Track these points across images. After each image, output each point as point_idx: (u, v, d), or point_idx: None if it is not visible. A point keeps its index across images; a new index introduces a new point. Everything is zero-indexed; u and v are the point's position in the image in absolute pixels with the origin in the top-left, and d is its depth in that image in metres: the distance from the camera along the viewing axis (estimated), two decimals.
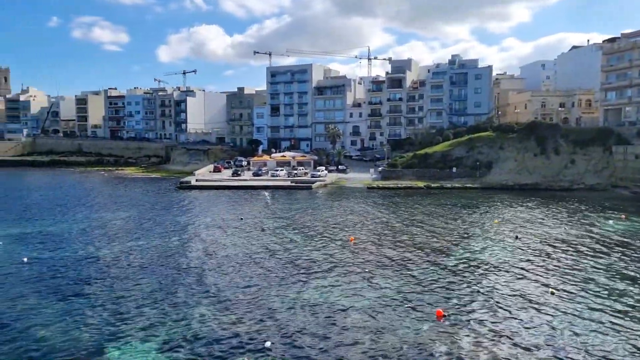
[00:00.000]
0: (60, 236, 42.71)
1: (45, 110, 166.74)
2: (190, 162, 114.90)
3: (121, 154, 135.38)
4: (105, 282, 29.73)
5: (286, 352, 20.79)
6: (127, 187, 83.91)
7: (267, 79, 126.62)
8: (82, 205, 61.77)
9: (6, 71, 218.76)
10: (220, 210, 58.53)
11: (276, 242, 40.99)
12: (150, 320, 23.88)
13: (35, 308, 25.28)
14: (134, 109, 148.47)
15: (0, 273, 31.24)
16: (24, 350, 20.53)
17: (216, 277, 31.08)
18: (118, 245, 39.28)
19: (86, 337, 21.94)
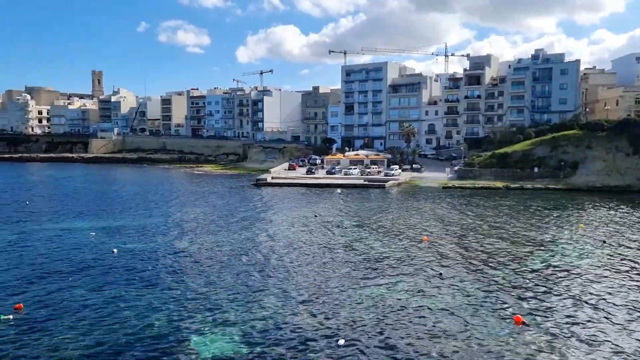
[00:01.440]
0: (146, 229, 45.31)
1: (134, 110, 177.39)
2: (266, 160, 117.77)
3: (201, 151, 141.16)
4: (187, 274, 31.21)
5: (358, 351, 20.82)
6: (207, 183, 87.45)
7: (342, 78, 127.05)
8: (166, 200, 65.17)
9: (100, 74, 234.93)
10: (295, 207, 59.56)
11: (349, 240, 41.12)
12: (229, 312, 24.80)
13: (123, 296, 27.01)
14: (214, 108, 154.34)
15: (94, 262, 33.64)
16: (111, 335, 22.01)
17: (291, 273, 31.70)
18: (199, 239, 41.08)
19: (169, 325, 23.17)
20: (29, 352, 20.08)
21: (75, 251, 36.51)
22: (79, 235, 41.85)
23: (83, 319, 23.62)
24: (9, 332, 22.03)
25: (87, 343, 21.06)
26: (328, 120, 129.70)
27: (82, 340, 21.25)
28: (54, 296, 26.63)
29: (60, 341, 21.15)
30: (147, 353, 20.33)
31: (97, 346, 20.83)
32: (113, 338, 21.65)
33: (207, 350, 20.66)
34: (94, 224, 46.93)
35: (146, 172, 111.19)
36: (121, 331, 22.36)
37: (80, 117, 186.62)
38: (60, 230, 44.16)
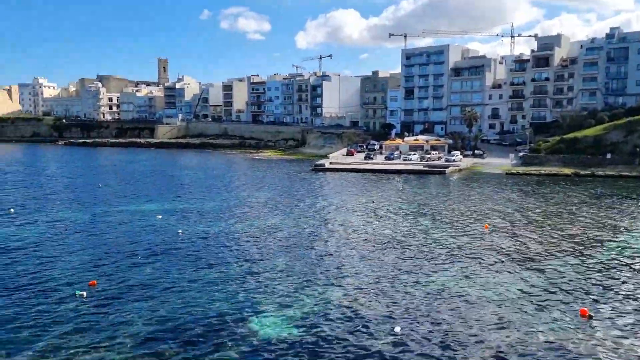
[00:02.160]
0: (209, 212, 46.82)
1: (197, 96, 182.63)
2: (325, 145, 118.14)
3: (261, 137, 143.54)
4: (247, 256, 32.06)
5: (414, 340, 20.70)
6: (267, 169, 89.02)
7: (402, 62, 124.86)
8: (228, 185, 66.99)
9: (165, 62, 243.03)
10: (352, 193, 59.57)
11: (407, 227, 40.72)
12: (286, 295, 25.30)
13: (187, 276, 28.14)
14: (274, 94, 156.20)
15: (160, 243, 35.21)
16: (175, 312, 23.02)
17: (348, 259, 31.85)
18: (258, 223, 42.02)
19: (230, 305, 23.94)
20: (101, 326, 21.38)
21: (143, 232, 38.35)
22: (146, 218, 43.87)
23: (150, 296, 24.85)
24: (84, 306, 23.53)
25: (153, 319, 22.15)
26: (387, 105, 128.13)
27: (149, 317, 22.38)
28: (124, 274, 28.15)
29: (128, 317, 22.38)
30: (209, 331, 21.13)
31: (163, 323, 21.86)
32: (177, 315, 22.66)
33: (265, 331, 21.21)
34: (161, 207, 49.00)
35: (209, 157, 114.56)
36: (185, 309, 23.35)
37: (147, 103, 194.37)
38: (129, 212, 46.46)
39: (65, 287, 25.88)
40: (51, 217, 43.96)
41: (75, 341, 19.98)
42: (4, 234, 37.31)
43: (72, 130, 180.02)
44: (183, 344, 20.00)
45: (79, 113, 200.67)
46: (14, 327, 21.12)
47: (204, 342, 20.14)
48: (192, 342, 20.19)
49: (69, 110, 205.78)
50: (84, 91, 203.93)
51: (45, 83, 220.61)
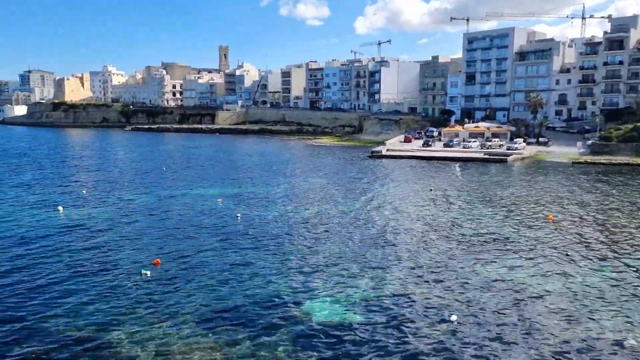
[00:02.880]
0: (267, 197, 47.71)
1: (256, 83, 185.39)
2: (382, 132, 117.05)
3: (318, 123, 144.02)
4: (304, 241, 32.48)
5: (472, 329, 20.33)
6: (324, 155, 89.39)
7: (464, 46, 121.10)
8: (285, 170, 67.88)
9: (226, 49, 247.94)
10: (409, 180, 58.83)
11: (466, 216, 39.82)
12: (342, 281, 25.47)
13: (245, 259, 28.87)
14: (331, 80, 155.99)
15: (219, 226, 36.27)
16: (233, 294, 23.71)
17: (405, 246, 31.59)
18: (315, 209, 42.38)
19: (285, 288, 24.40)
20: (162, 303, 22.39)
21: (203, 215, 39.63)
22: (207, 201, 45.27)
23: (209, 277, 25.72)
24: (148, 284, 24.70)
25: (211, 299, 22.94)
26: (447, 90, 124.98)
27: (207, 297, 23.20)
28: (185, 255, 29.26)
29: (188, 296, 23.29)
30: (263, 313, 21.65)
31: (220, 303, 22.61)
32: (234, 296, 23.35)
33: (319, 315, 21.48)
34: (220, 191, 50.40)
35: (267, 143, 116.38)
36: (241, 290, 24.02)
37: (208, 90, 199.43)
38: (191, 195, 48.10)
39: (131, 266, 27.24)
40: (119, 199, 46.26)
41: (138, 316, 21.03)
42: (78, 215, 39.64)
43: (139, 116, 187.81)
44: (238, 324, 20.61)
45: (145, 99, 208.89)
46: (84, 301, 22.48)
47: (259, 323, 20.66)
48: (247, 322, 20.77)
49: (135, 96, 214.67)
50: (149, 78, 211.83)
51: (114, 71, 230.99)
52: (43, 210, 40.58)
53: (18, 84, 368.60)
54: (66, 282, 24.75)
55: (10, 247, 30.39)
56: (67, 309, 21.70)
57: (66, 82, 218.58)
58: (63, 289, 23.95)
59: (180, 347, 18.58)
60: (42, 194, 47.84)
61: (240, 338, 19.45)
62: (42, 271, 26.26)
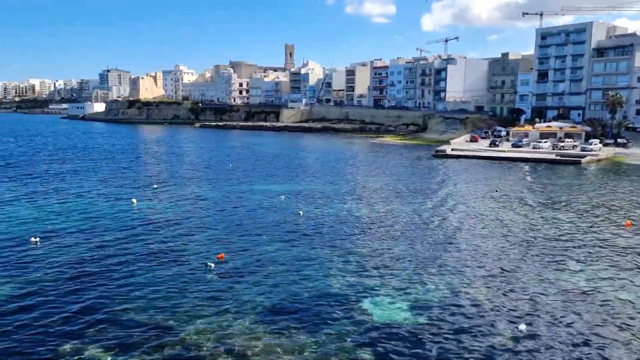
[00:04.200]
0: (329, 194, 47.99)
1: (320, 81, 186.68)
2: (447, 130, 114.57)
3: (382, 122, 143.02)
4: (365, 239, 32.41)
5: (541, 340, 19.53)
6: (386, 153, 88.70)
7: (536, 42, 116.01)
8: (348, 168, 67.99)
9: (291, 47, 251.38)
10: (475, 180, 57.23)
11: (535, 219, 38.25)
12: (403, 281, 25.23)
13: (306, 255, 29.20)
14: (396, 78, 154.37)
15: (282, 222, 36.89)
16: (294, 289, 24.04)
17: (468, 248, 30.82)
18: (377, 207, 42.17)
19: (345, 286, 24.47)
20: (226, 296, 23.08)
21: (266, 211, 40.45)
22: (270, 197, 46.16)
23: (271, 272, 26.23)
24: (213, 276, 25.55)
25: (272, 294, 23.40)
26: (517, 89, 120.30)
27: (269, 291, 23.68)
28: (248, 249, 30.01)
29: (251, 290, 23.87)
30: (324, 310, 21.82)
31: (281, 298, 23.00)
32: (295, 292, 23.68)
33: (380, 315, 21.38)
34: (283, 188, 51.23)
35: (330, 141, 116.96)
36: (302, 287, 24.33)
37: (273, 88, 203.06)
38: (255, 191, 49.23)
39: (197, 258, 28.28)
40: (187, 193, 48.12)
41: (202, 308, 21.81)
42: (147, 208, 41.63)
43: (207, 114, 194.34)
44: (298, 319, 20.89)
45: (213, 97, 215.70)
46: (151, 291, 23.59)
47: (319, 320, 20.85)
48: (306, 318, 21.02)
49: (204, 94, 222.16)
50: (218, 77, 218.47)
51: (185, 70, 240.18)
52: (119, 203, 42.93)
53: (98, 83, 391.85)
54: (137, 271, 26.06)
55: (88, 237, 32.37)
56: (137, 296, 22.85)
57: (141, 81, 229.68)
58: (134, 277, 25.23)
59: (242, 339, 19.09)
60: (119, 187, 50.60)
61: (300, 334, 19.72)
62: (116, 261, 27.80)
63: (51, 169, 64.13)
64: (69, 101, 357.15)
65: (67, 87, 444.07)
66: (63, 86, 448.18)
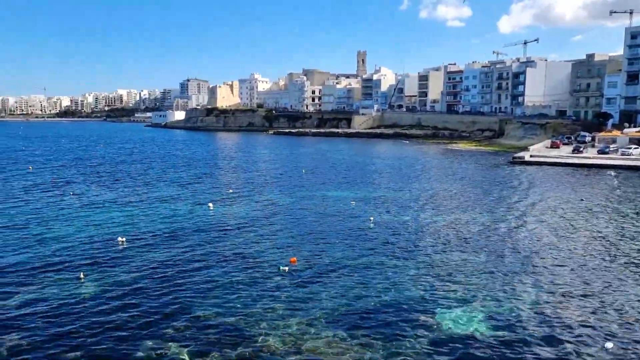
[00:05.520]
0: (400, 201, 47.46)
1: (393, 87, 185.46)
2: (525, 136, 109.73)
3: (455, 127, 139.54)
4: (437, 248, 31.73)
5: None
6: (460, 160, 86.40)
7: (625, 42, 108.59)
8: (419, 175, 66.92)
9: (363, 54, 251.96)
10: (557, 189, 54.36)
11: (625, 230, 35.74)
12: (476, 292, 24.44)
13: (376, 263, 29.00)
14: (471, 83, 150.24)
15: (353, 229, 36.91)
16: (362, 296, 23.94)
17: (545, 258, 29.34)
18: (450, 215, 41.18)
19: (415, 295, 24.05)
20: (297, 300, 23.40)
21: (338, 217, 40.64)
22: (341, 203, 46.35)
23: (342, 278, 26.31)
24: (285, 280, 26.01)
25: (344, 300, 23.43)
26: (604, 92, 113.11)
27: (340, 297, 23.74)
28: (320, 255, 30.28)
29: (322, 295, 24.05)
30: (394, 317, 21.56)
31: (351, 304, 22.98)
32: (365, 299, 23.59)
33: (450, 325, 20.82)
34: (355, 194, 51.28)
35: (401, 147, 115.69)
36: (372, 294, 24.18)
37: (345, 95, 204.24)
38: (327, 197, 49.63)
39: (270, 262, 28.91)
40: (261, 198, 49.37)
41: (275, 311, 22.23)
42: (223, 212, 43.13)
43: (280, 121, 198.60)
44: (368, 326, 20.77)
45: (287, 105, 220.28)
46: (226, 293, 24.37)
47: (388, 328, 20.62)
48: (376, 326, 20.85)
49: (278, 102, 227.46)
50: (291, 85, 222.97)
51: (259, 78, 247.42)
52: (196, 207, 44.83)
53: (178, 92, 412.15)
54: (212, 273, 27.05)
55: (167, 239, 34.04)
56: (213, 297, 23.71)
57: (218, 90, 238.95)
58: (209, 279, 26.21)
59: (312, 343, 19.28)
60: (197, 192, 52.85)
61: (369, 340, 19.61)
62: (193, 262, 29.02)
63: (137, 174, 68.19)
64: (153, 110, 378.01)
65: (151, 97, 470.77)
66: (147, 96, 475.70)
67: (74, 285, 25.11)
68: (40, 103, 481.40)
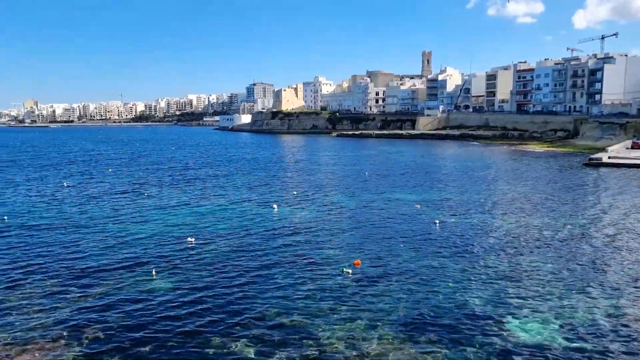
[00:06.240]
0: (466, 204, 46.14)
1: (459, 87, 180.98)
2: (603, 137, 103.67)
3: (525, 128, 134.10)
4: (505, 253, 30.55)
5: None
6: (530, 162, 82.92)
7: None
8: (486, 177, 64.82)
9: (429, 54, 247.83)
10: (637, 192, 50.90)
11: None
12: (549, 299, 23.29)
13: (443, 267, 28.31)
14: (543, 81, 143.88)
15: (418, 232, 36.28)
16: (426, 301, 23.41)
17: (628, 269, 27.47)
18: (520, 219, 39.56)
19: (484, 303, 23.25)
20: (361, 302, 23.24)
21: (402, 220, 40.10)
22: (405, 206, 45.72)
23: (406, 282, 25.88)
24: (349, 283, 25.95)
25: (408, 305, 23.02)
26: None
27: (404, 301, 23.36)
28: (384, 258, 29.97)
29: (385, 298, 23.76)
30: (460, 325, 20.93)
31: (416, 309, 22.52)
32: (430, 304, 23.07)
33: (523, 335, 19.93)
34: (419, 197, 50.43)
35: (467, 149, 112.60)
36: (438, 299, 23.62)
37: (410, 96, 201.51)
38: (390, 200, 49.13)
39: (334, 264, 28.96)
40: (324, 200, 49.62)
41: (338, 312, 22.20)
42: (289, 213, 43.72)
43: (343, 123, 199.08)
44: (433, 332, 20.29)
45: (350, 107, 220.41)
46: (290, 293, 24.60)
47: (457, 336, 20.05)
48: (441, 331, 20.33)
49: (341, 104, 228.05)
50: (354, 87, 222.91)
51: (323, 81, 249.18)
52: (262, 208, 45.75)
53: (245, 96, 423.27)
54: (276, 273, 27.43)
55: (233, 239, 34.93)
56: (277, 297, 24.04)
57: (283, 93, 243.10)
58: (274, 278, 26.60)
59: (375, 347, 19.08)
60: (263, 194, 53.96)
61: (434, 346, 19.17)
62: (258, 262, 29.57)
63: (206, 176, 70.64)
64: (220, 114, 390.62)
65: (219, 101, 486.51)
66: (215, 100, 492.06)
67: (147, 281, 26.31)
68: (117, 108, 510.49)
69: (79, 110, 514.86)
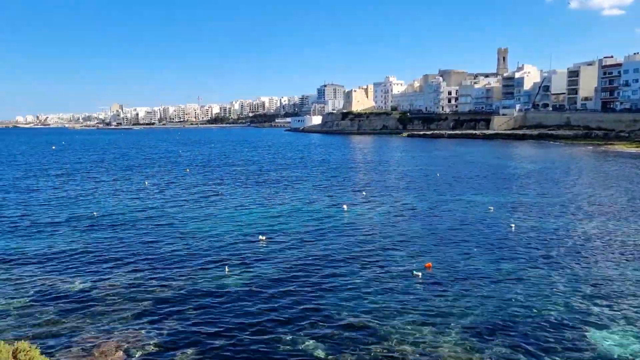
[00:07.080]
0: (544, 207, 43.95)
1: (537, 85, 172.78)
2: None
3: (611, 127, 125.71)
4: (587, 261, 28.77)
5: None
6: (616, 163, 77.62)
7: None
8: (566, 179, 61.44)
9: (505, 51, 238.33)
10: None
11: None
12: (635, 311, 21.68)
13: (519, 273, 27.10)
14: (632, 77, 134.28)
15: (492, 235, 35.00)
16: (500, 308, 22.48)
17: None
18: (601, 224, 37.14)
19: (563, 311, 22.01)
20: (431, 306, 22.75)
21: (475, 223, 38.86)
22: (478, 208, 44.27)
23: (480, 287, 25.04)
24: (418, 286, 25.49)
25: (481, 311, 22.25)
26: None
27: (477, 307, 22.59)
28: (455, 261, 29.19)
29: (457, 303, 23.11)
30: (539, 333, 19.95)
31: (488, 316, 21.74)
32: (505, 310, 22.16)
33: (606, 348, 18.68)
34: (492, 199, 48.66)
35: (546, 149, 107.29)
36: (514, 305, 22.65)
37: (484, 95, 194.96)
38: (462, 202, 47.77)
39: (404, 265, 28.56)
40: (394, 200, 49.09)
41: (408, 315, 21.85)
42: (358, 213, 43.65)
43: (414, 123, 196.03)
44: (508, 340, 19.46)
45: (421, 107, 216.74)
46: (359, 294, 24.50)
47: (534, 347, 19.12)
48: (517, 339, 19.45)
49: (412, 104, 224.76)
50: (426, 86, 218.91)
51: (394, 81, 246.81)
52: (332, 208, 46.00)
53: (316, 97, 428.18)
54: (345, 273, 27.44)
55: (303, 238, 35.34)
56: (346, 297, 24.04)
57: (353, 94, 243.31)
58: (343, 278, 26.62)
59: (446, 351, 18.61)
60: (333, 194, 54.26)
61: (509, 355, 18.39)
62: (327, 262, 29.73)
63: (279, 176, 72.12)
64: (292, 115, 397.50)
65: (291, 103, 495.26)
66: (287, 102, 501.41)
67: (220, 278, 27.21)
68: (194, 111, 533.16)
69: (159, 112, 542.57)
